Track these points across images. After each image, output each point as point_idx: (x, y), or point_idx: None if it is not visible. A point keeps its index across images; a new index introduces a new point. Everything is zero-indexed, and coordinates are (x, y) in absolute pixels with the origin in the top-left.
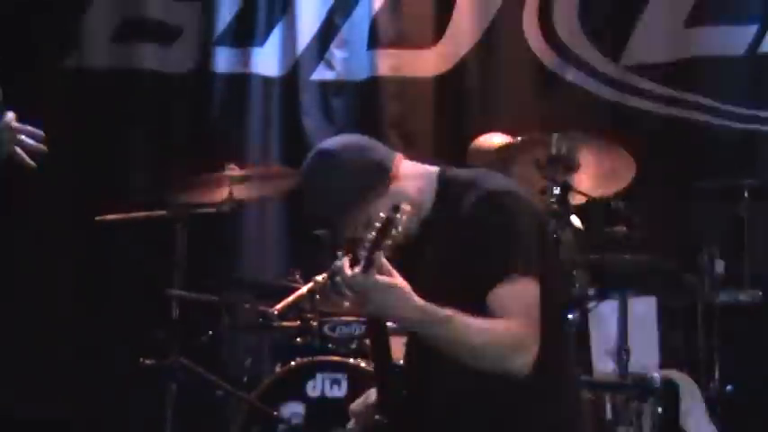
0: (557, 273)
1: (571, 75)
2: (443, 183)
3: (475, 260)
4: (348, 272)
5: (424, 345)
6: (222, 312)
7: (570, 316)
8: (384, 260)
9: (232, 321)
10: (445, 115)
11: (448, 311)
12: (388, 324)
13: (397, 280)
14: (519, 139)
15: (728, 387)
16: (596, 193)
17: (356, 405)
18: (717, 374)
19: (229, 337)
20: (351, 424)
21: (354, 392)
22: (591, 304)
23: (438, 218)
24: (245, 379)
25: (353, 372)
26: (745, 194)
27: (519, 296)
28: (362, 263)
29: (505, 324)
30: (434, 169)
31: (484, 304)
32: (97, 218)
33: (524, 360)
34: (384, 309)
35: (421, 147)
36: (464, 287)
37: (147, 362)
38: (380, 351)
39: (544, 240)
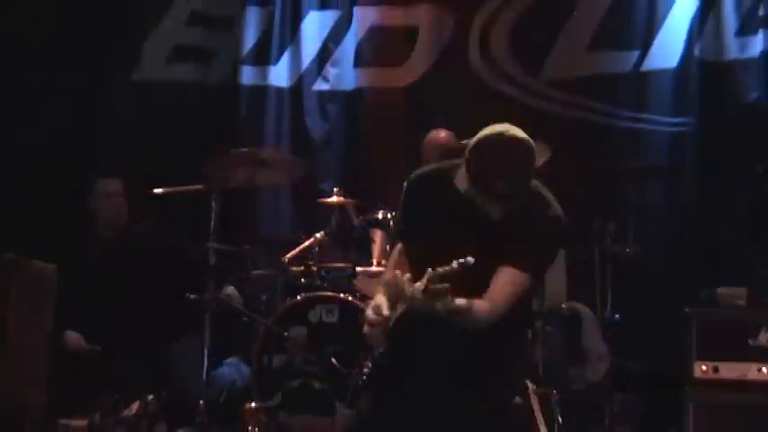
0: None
1: (502, 87)
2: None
3: (519, 243)
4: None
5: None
6: (246, 260)
7: None
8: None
9: (254, 266)
10: (410, 116)
11: (467, 305)
12: None
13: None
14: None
15: (616, 316)
16: None
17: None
18: (608, 306)
19: (252, 278)
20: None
21: (343, 319)
22: None
23: (521, 212)
24: (264, 309)
25: (343, 304)
26: (630, 175)
27: (516, 285)
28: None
29: (488, 304)
30: None
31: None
32: (155, 190)
33: (486, 323)
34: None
35: (392, 139)
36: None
37: (192, 296)
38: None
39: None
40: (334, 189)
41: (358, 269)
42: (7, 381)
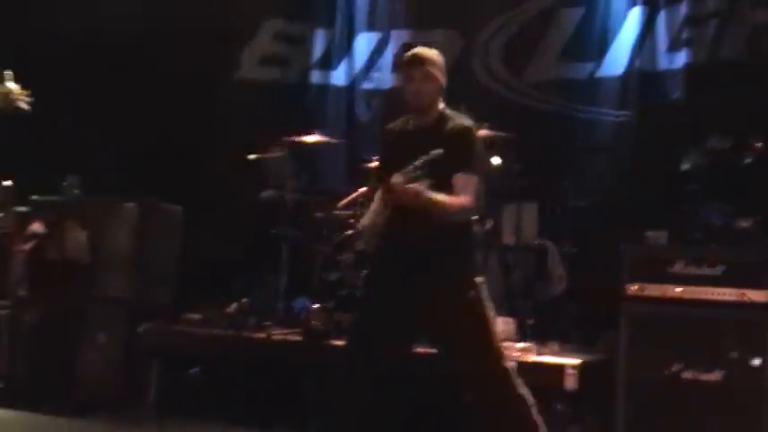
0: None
1: (496, 87)
2: (443, 113)
3: (453, 156)
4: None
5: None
6: (312, 205)
7: None
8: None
9: (317, 210)
10: None
11: (437, 196)
12: None
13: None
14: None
15: (573, 249)
16: None
17: (365, 219)
18: (568, 242)
19: (316, 218)
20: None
21: None
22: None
23: (437, 125)
24: (324, 240)
25: None
26: (586, 150)
27: (469, 182)
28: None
29: (459, 197)
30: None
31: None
32: (248, 156)
33: (467, 216)
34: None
35: None
36: (444, 170)
37: (273, 231)
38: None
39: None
40: (374, 158)
41: None
42: (147, 290)
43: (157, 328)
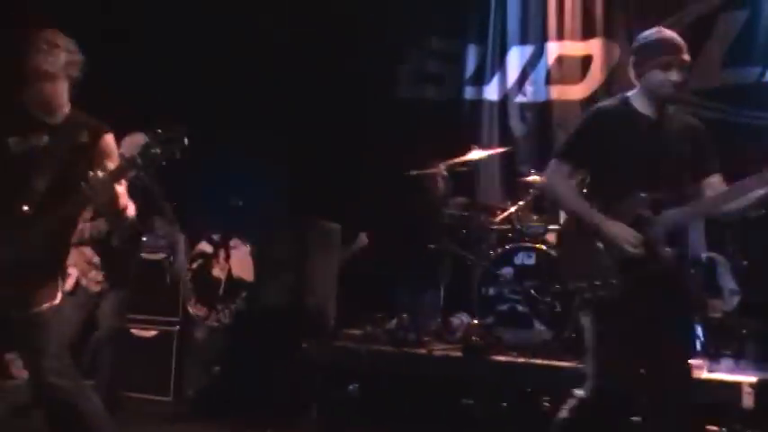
0: None
1: None
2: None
3: (708, 155)
4: None
5: None
6: (469, 220)
7: None
8: None
9: (477, 225)
10: None
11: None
12: None
13: None
14: None
15: (744, 262)
16: None
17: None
18: (737, 255)
19: (475, 234)
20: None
21: (539, 262)
22: None
23: (672, 119)
24: (482, 254)
25: (538, 251)
26: (753, 157)
27: None
28: None
29: None
30: None
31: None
32: (406, 173)
33: None
34: None
35: None
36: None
37: (431, 246)
38: None
39: None
40: (531, 171)
41: (549, 226)
42: (309, 306)
43: (320, 344)
